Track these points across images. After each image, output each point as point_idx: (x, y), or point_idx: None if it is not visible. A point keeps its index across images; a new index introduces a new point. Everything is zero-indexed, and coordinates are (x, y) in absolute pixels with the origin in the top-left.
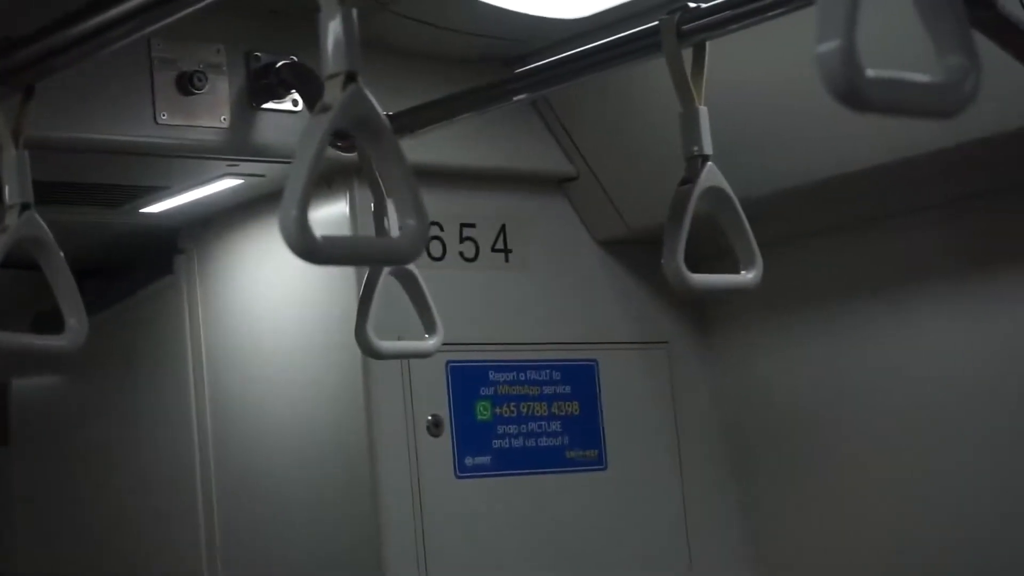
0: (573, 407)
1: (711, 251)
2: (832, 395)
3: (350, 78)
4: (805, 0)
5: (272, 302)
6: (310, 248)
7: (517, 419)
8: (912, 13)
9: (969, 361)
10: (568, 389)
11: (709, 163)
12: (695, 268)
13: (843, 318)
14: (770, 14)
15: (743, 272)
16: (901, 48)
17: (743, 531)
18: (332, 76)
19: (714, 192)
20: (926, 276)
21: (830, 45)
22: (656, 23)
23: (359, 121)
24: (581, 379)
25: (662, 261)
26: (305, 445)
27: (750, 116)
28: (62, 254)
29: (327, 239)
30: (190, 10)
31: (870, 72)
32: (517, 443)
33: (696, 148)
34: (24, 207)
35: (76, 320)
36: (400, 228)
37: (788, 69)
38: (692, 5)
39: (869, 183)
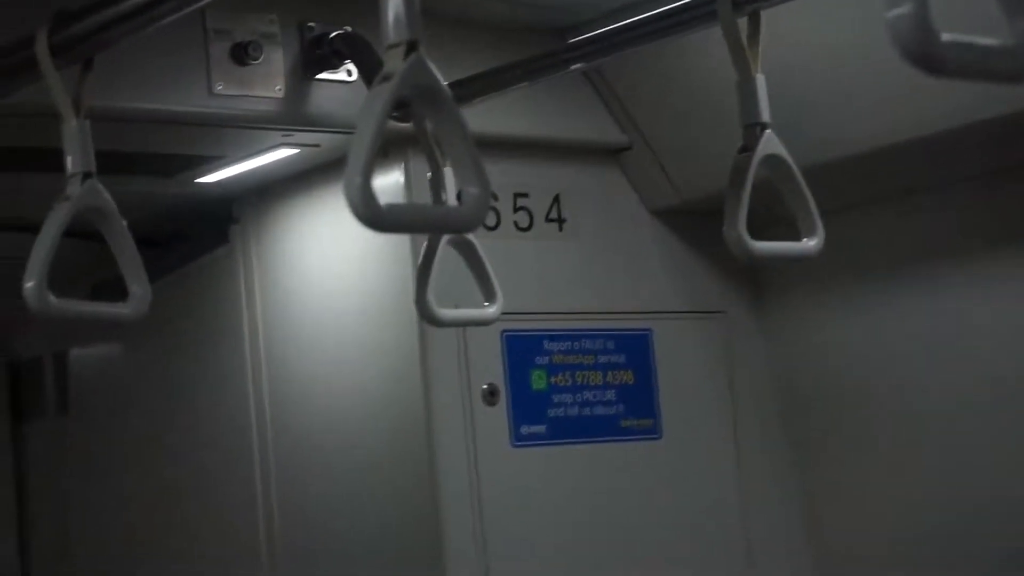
0: (628, 376)
1: (767, 219)
2: (890, 364)
3: (411, 47)
4: None
5: (328, 271)
6: (375, 216)
7: (572, 388)
8: None
9: None
10: (623, 358)
11: (768, 131)
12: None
13: (901, 287)
14: None
15: (804, 240)
16: (960, 10)
17: (798, 497)
18: (393, 45)
19: (773, 160)
20: (985, 244)
21: (902, 9)
22: None
23: (421, 90)
24: (635, 348)
25: (723, 229)
26: (362, 415)
27: (802, 85)
28: (125, 222)
29: (391, 207)
30: None
31: (945, 35)
32: (572, 412)
33: (754, 116)
34: (86, 176)
35: (139, 288)
36: (461, 197)
37: (842, 39)
38: None
39: (925, 152)
